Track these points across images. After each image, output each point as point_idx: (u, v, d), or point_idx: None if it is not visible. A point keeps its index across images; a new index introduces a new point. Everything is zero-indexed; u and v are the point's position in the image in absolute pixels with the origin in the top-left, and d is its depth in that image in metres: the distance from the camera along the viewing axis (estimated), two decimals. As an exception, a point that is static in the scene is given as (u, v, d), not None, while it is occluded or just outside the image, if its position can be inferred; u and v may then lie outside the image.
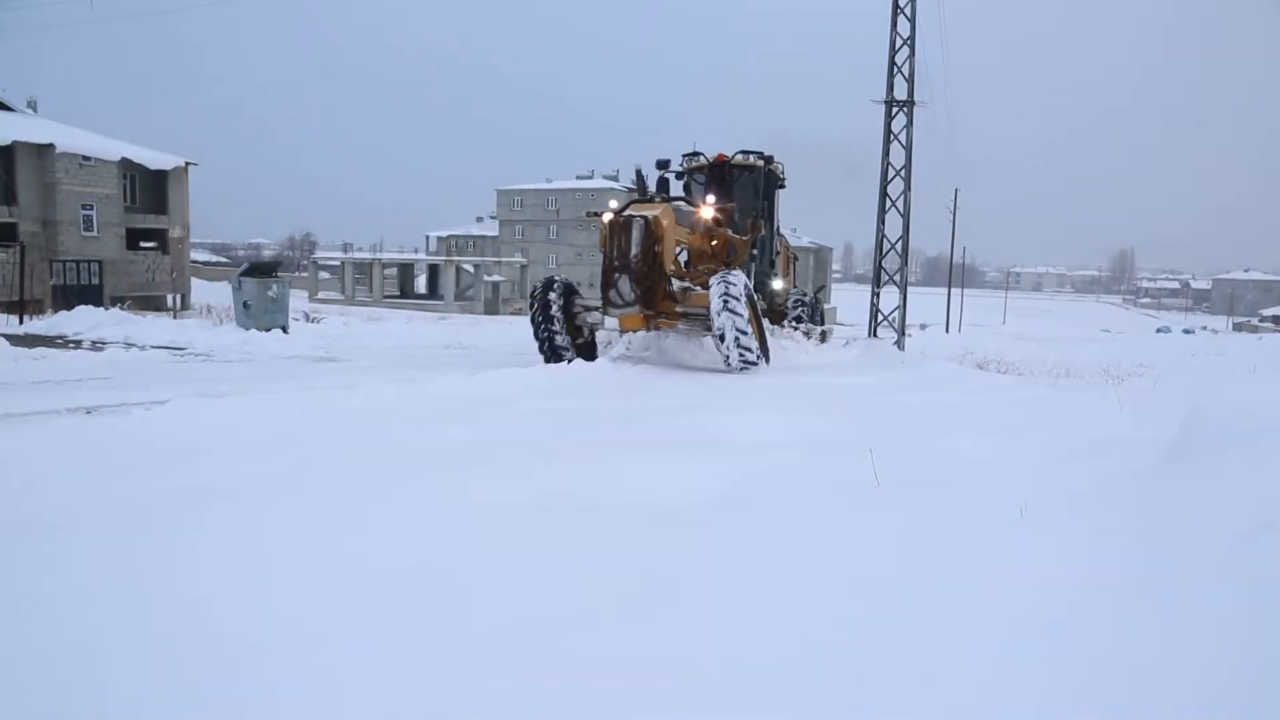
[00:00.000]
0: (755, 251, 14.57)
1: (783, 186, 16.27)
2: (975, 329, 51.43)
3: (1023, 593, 2.37)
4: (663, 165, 15.41)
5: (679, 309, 12.14)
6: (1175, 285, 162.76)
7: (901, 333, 22.93)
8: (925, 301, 46.83)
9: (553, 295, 12.48)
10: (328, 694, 1.92)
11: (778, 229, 16.57)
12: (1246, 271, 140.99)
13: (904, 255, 22.89)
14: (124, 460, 4.15)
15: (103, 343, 14.37)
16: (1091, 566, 2.51)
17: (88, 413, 6.50)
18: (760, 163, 15.40)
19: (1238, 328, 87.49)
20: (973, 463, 4.90)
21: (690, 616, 2.27)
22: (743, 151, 15.54)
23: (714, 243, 13.35)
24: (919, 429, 6.38)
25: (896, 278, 23.22)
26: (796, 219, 71.93)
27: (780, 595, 2.43)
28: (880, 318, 23.59)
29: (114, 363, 11.60)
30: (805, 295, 16.81)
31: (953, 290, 52.86)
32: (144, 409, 5.75)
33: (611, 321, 12.34)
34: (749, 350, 11.19)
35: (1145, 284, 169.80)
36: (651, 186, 13.77)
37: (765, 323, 12.58)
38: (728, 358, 11.22)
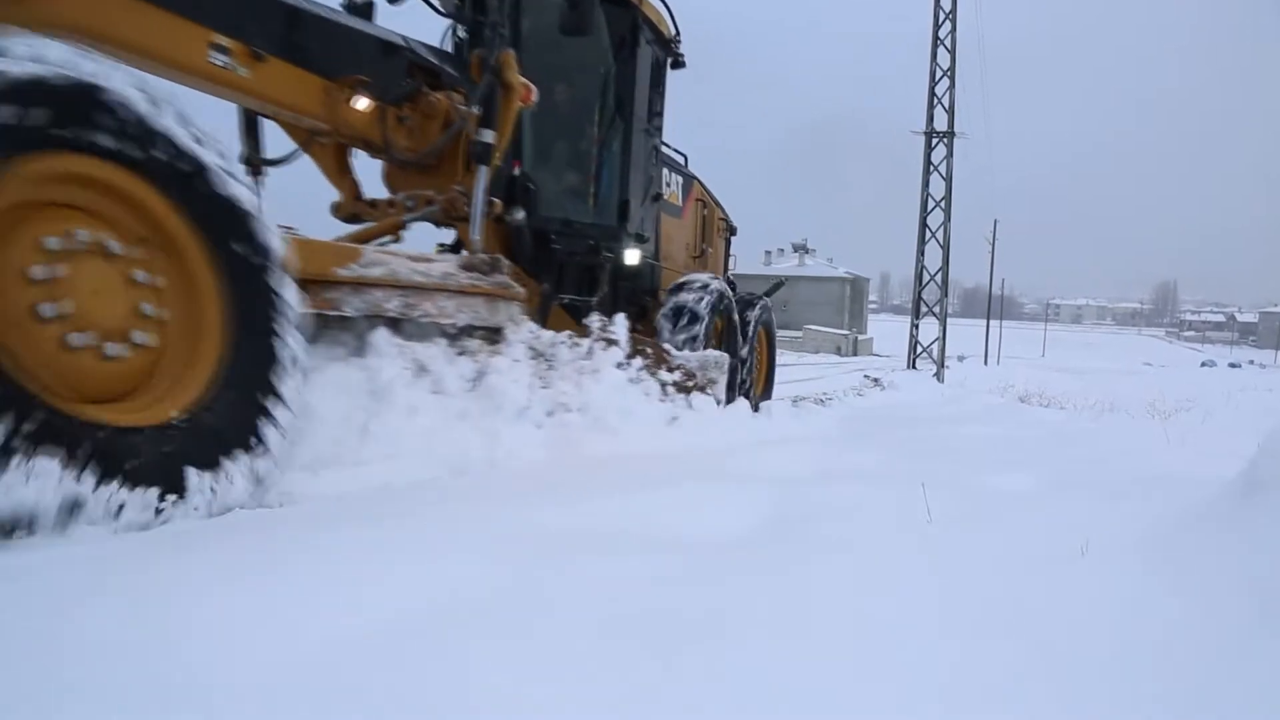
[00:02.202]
0: (599, 175, 7.79)
1: (679, 65, 8.87)
2: (1014, 361, 50.76)
3: (1104, 641, 2.30)
4: None
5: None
6: (1220, 318, 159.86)
7: (941, 364, 22.72)
8: (963, 333, 46.43)
9: None
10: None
11: (661, 155, 8.87)
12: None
13: (944, 287, 22.73)
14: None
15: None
16: (1169, 611, 2.43)
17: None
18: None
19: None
20: (1022, 498, 4.81)
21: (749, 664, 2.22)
22: None
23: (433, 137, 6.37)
24: (965, 463, 6.28)
25: (935, 309, 23.03)
26: (832, 248, 71.85)
27: (850, 637, 2.38)
28: (919, 349, 23.39)
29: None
30: (723, 293, 8.62)
31: (991, 322, 52.33)
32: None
33: None
34: None
35: (1189, 316, 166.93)
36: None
37: (606, 346, 6.23)
38: None
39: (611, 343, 6.41)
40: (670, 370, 6.88)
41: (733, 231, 11.70)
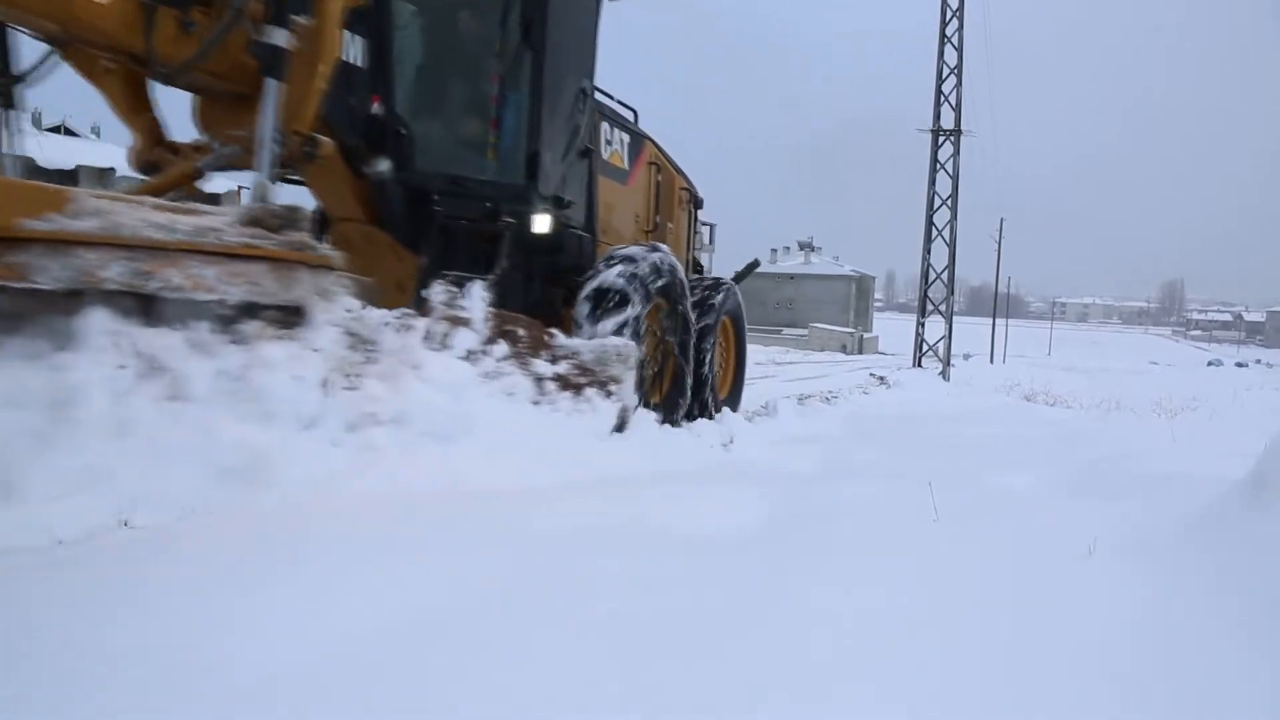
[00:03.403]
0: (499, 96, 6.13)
1: None
2: (1020, 360, 50.68)
3: (1112, 641, 2.30)
4: None
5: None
6: (1227, 317, 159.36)
7: (947, 363, 22.70)
8: (969, 332, 46.36)
9: None
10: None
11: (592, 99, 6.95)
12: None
13: (950, 285, 22.70)
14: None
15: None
16: (1177, 611, 2.44)
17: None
18: None
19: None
20: (1028, 498, 4.81)
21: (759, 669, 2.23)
22: None
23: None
24: (970, 462, 6.28)
25: (941, 307, 23.01)
26: (838, 246, 71.74)
27: (860, 636, 2.39)
28: (925, 347, 23.37)
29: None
30: (663, 268, 6.66)
31: (997, 320, 52.24)
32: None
33: None
34: None
35: (1196, 315, 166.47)
36: None
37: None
38: None
39: (459, 323, 4.81)
40: (553, 361, 5.29)
41: (698, 204, 9.85)
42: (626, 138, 7.88)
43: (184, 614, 2.25)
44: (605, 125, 7.34)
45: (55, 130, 36.77)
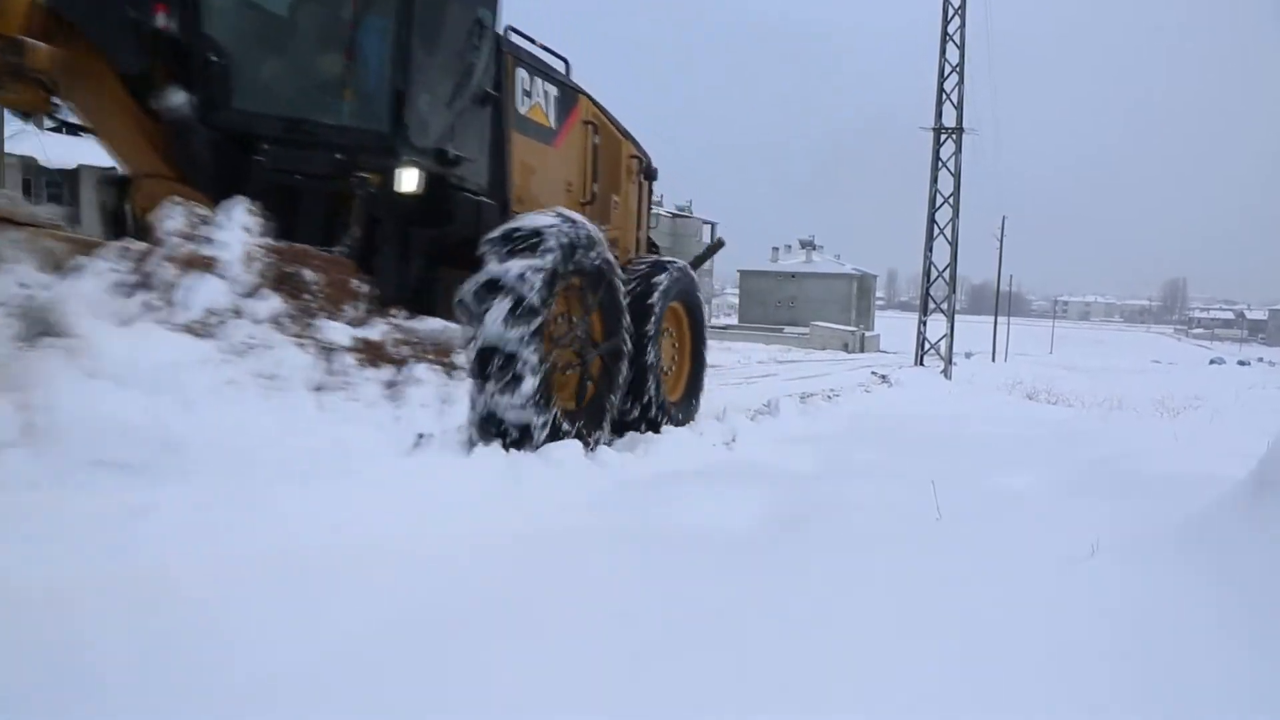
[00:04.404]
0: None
1: None
2: (1022, 358, 50.65)
3: (1115, 641, 2.31)
4: None
5: None
6: (1229, 316, 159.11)
7: (949, 361, 22.68)
8: (971, 330, 46.34)
9: None
10: None
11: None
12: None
13: (952, 283, 22.69)
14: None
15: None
16: (1178, 611, 2.44)
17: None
18: None
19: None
20: (1030, 497, 4.81)
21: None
22: None
23: None
24: (972, 461, 6.28)
25: (943, 306, 23.01)
26: (840, 244, 71.60)
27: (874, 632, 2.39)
28: (927, 346, 23.37)
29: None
30: (572, 238, 5.26)
31: (999, 319, 52.21)
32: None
33: None
34: None
35: (1198, 314, 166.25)
36: None
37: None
38: None
39: (199, 265, 3.38)
40: (359, 321, 3.89)
41: (651, 175, 8.36)
42: (553, 90, 6.54)
43: None
44: (523, 73, 6.01)
45: (57, 130, 36.71)
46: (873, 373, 20.62)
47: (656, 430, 6.58)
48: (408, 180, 4.77)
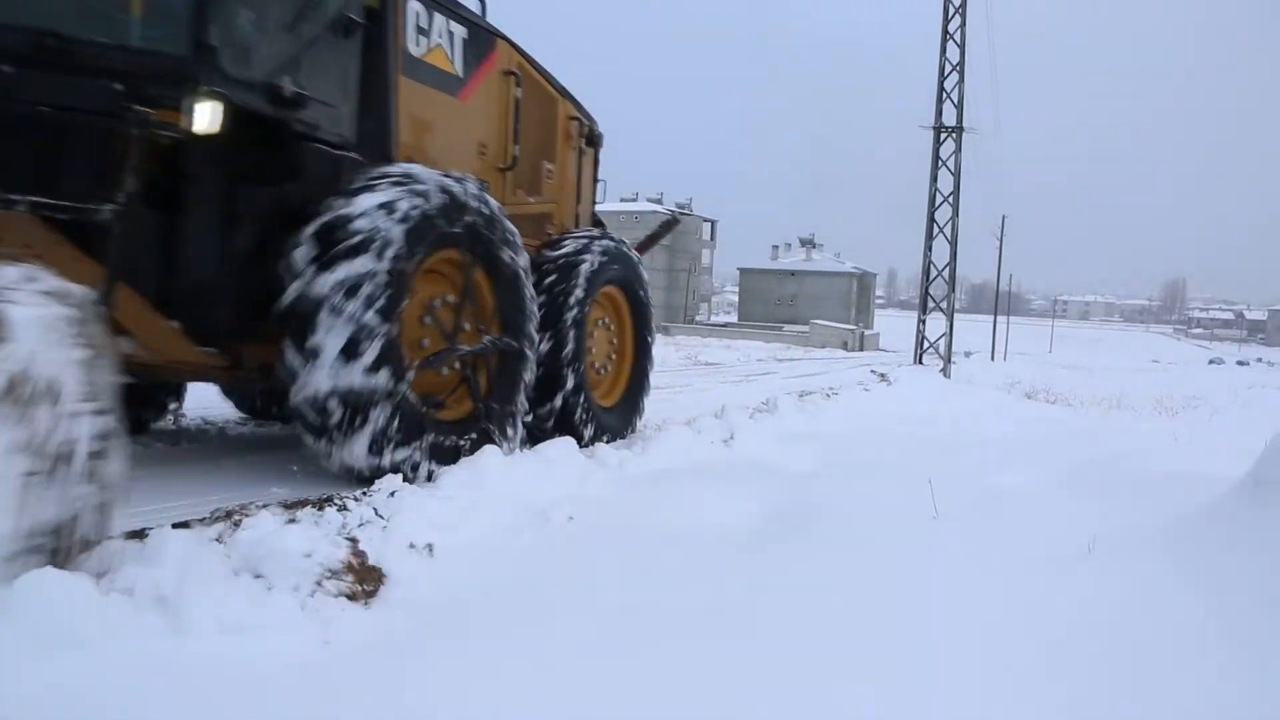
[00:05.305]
0: None
1: None
2: (1021, 357, 50.67)
3: (1111, 640, 2.31)
4: None
5: None
6: (1229, 316, 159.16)
7: (948, 360, 22.70)
8: (970, 329, 46.38)
9: None
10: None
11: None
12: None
13: (951, 282, 22.69)
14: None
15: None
16: (1176, 609, 2.44)
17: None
18: None
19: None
20: (1028, 495, 4.81)
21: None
22: None
23: None
24: (970, 459, 6.28)
25: (943, 305, 23.03)
26: (840, 243, 71.56)
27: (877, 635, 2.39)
28: (926, 344, 23.38)
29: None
30: (450, 196, 4.47)
31: (999, 318, 52.23)
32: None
33: None
34: None
35: (1197, 314, 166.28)
36: None
37: None
38: None
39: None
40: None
41: (595, 142, 7.22)
42: (461, 31, 5.44)
43: None
44: (417, 5, 5.00)
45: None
46: (872, 371, 20.63)
47: (580, 443, 5.33)
48: (200, 116, 3.65)
